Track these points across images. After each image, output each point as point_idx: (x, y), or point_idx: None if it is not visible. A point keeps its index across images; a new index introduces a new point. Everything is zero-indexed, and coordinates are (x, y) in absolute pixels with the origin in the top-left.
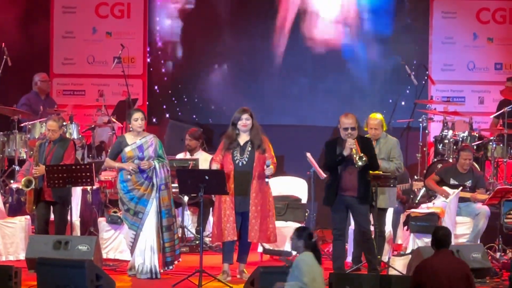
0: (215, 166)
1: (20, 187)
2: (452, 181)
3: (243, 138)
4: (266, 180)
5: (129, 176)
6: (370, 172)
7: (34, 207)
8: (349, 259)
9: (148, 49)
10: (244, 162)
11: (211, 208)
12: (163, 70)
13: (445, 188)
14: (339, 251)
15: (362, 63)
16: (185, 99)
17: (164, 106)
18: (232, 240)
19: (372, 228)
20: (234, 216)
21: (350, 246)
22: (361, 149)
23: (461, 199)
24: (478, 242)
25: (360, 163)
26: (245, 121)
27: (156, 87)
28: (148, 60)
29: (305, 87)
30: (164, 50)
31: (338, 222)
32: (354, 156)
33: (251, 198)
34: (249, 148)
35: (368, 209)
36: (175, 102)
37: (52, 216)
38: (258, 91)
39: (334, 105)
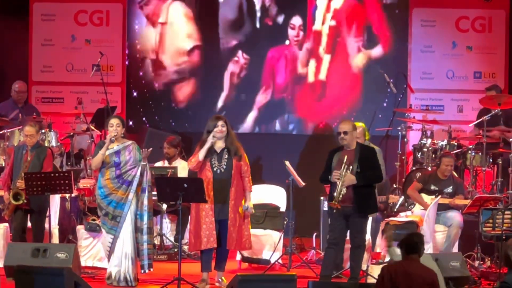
0: (194, 161)
1: (11, 200)
2: (433, 187)
3: (219, 146)
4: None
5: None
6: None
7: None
8: None
9: (127, 52)
10: (223, 170)
11: (189, 216)
12: (141, 73)
13: (423, 195)
14: (330, 259)
15: (341, 71)
16: (162, 104)
17: (141, 110)
18: (210, 248)
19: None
20: (214, 224)
21: None
22: (360, 159)
23: (440, 207)
24: (453, 251)
25: (334, 201)
26: (220, 128)
27: (133, 91)
28: (127, 63)
29: (284, 95)
30: (142, 53)
31: (335, 231)
32: (337, 191)
33: (230, 205)
34: (226, 156)
35: (365, 220)
36: (152, 106)
37: (29, 224)
38: (237, 98)
39: (313, 114)
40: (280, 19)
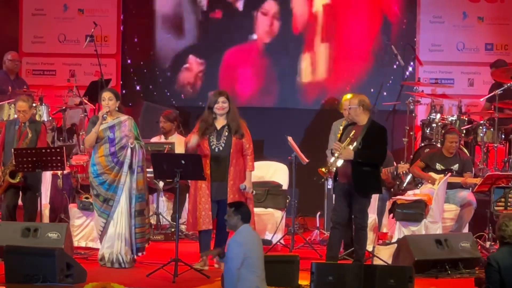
0: (195, 139)
1: (8, 178)
2: (438, 166)
3: (220, 122)
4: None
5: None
6: None
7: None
8: None
9: (122, 18)
10: (221, 148)
11: (187, 194)
12: (136, 40)
13: (432, 174)
14: (334, 240)
15: (345, 43)
16: (157, 72)
17: (135, 78)
18: (207, 230)
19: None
20: (210, 203)
21: None
22: (365, 136)
23: (449, 185)
24: (463, 231)
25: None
26: (221, 104)
27: (128, 59)
28: (122, 28)
29: (286, 67)
30: (138, 18)
31: (338, 209)
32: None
33: (229, 185)
34: (226, 133)
35: (367, 200)
36: (146, 74)
37: (20, 202)
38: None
39: (316, 87)
40: None
